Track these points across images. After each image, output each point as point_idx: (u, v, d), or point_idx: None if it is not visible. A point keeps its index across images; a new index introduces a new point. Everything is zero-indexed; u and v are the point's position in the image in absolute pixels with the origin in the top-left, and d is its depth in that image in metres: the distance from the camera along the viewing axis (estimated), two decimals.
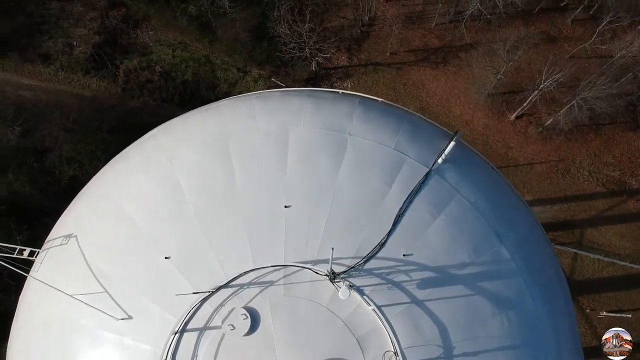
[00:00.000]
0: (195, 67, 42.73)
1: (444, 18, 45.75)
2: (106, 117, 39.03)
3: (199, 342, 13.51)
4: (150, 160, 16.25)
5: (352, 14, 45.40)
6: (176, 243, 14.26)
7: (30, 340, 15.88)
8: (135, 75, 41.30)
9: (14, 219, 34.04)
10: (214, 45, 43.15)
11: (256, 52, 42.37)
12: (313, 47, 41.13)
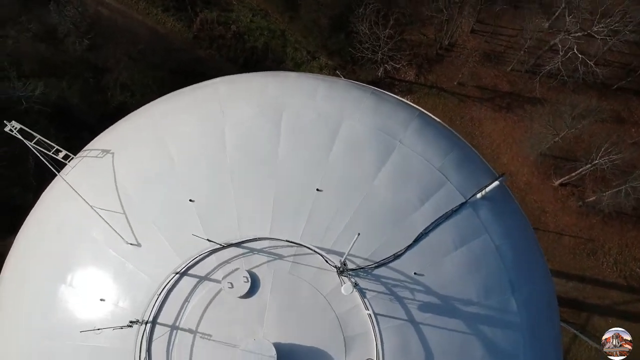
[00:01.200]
0: (269, 38, 43.10)
1: (521, 66, 45.18)
2: (171, 57, 39.66)
3: (195, 289, 13.68)
4: (204, 105, 16.49)
5: (433, 34, 45.18)
6: (204, 189, 14.45)
7: (41, 237, 16.30)
8: (210, 27, 41.88)
9: (55, 123, 34.99)
10: (292, 22, 43.45)
11: (331, 41, 42.50)
12: (386, 54, 41.07)
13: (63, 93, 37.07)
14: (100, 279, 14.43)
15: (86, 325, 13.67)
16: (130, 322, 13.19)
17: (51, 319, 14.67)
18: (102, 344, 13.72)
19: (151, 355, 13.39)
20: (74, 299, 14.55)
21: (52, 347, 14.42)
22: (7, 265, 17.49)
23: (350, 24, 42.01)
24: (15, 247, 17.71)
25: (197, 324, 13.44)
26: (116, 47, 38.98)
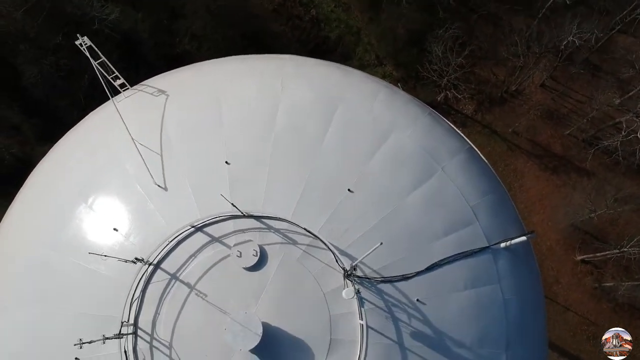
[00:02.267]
0: (344, 32, 43.15)
1: (580, 133, 44.32)
2: (246, 22, 40.01)
3: (205, 247, 13.85)
4: (266, 77, 16.63)
5: (503, 76, 44.62)
6: (242, 156, 14.59)
7: (76, 154, 16.71)
8: (291, 5, 42.15)
9: (119, 52, 35.64)
10: (371, 24, 43.39)
11: (402, 52, 42.32)
12: (452, 81, 40.74)
13: (135, 25, 37.71)
14: (120, 209, 14.72)
15: (94, 248, 13.96)
16: (135, 258, 13.43)
17: (63, 232, 15.02)
18: (102, 271, 14.01)
19: (144, 296, 13.63)
20: (90, 220, 14.88)
21: (55, 260, 14.77)
22: (37, 171, 17.97)
23: (425, 41, 41.77)
24: (48, 156, 18.18)
25: (197, 280, 13.62)
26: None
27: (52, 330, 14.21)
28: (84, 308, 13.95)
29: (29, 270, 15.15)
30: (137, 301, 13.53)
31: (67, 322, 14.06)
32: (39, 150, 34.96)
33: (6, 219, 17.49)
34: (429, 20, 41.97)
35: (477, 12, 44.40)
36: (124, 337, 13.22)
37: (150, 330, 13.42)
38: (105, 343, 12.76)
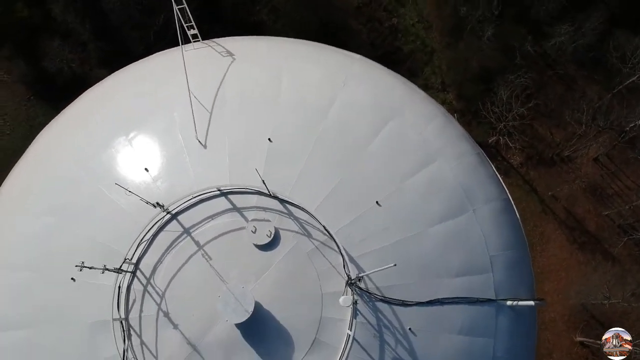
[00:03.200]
0: (417, 49, 42.83)
1: (618, 218, 43.20)
2: (327, 11, 40.08)
3: (224, 214, 14.00)
4: (332, 69, 16.78)
5: (559, 139, 43.81)
6: (287, 138, 14.74)
7: (131, 87, 17.14)
8: (375, 7, 42.08)
9: (198, 3, 36.09)
10: (446, 49, 42.95)
11: (468, 86, 41.88)
12: (508, 128, 40.19)
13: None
14: (156, 152, 15.01)
15: (121, 181, 14.24)
16: (157, 203, 13.66)
17: (97, 157, 15.37)
18: (122, 205, 14.30)
19: (153, 242, 13.87)
20: (125, 154, 15.20)
21: (83, 180, 15.15)
22: (89, 92, 18.41)
23: (494, 81, 41.20)
24: (105, 82, 18.63)
25: (207, 242, 13.80)
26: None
27: (58, 246, 14.60)
28: (94, 234, 14.28)
29: (55, 182, 15.60)
30: (145, 244, 13.77)
31: (74, 242, 14.42)
32: (96, 73, 35.81)
33: (50, 128, 18.00)
34: (504, 62, 41.40)
35: (553, 69, 43.64)
36: (123, 274, 13.50)
37: (149, 274, 13.68)
38: (103, 273, 13.01)
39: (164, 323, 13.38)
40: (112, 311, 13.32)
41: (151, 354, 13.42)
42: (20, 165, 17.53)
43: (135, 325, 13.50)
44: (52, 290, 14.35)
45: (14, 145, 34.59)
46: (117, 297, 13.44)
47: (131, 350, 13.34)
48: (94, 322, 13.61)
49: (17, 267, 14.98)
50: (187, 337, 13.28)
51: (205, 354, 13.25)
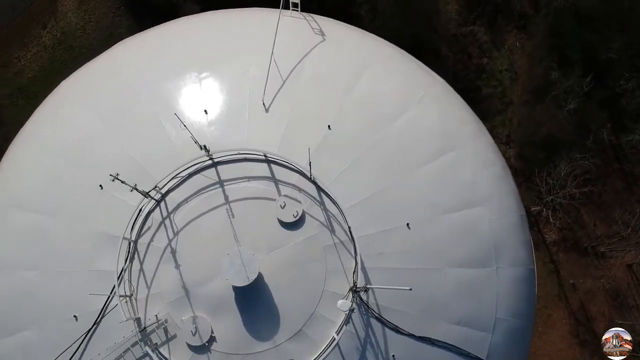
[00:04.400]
0: (496, 95, 42.04)
1: (631, 332, 41.92)
2: (423, 26, 39.87)
3: (260, 179, 14.09)
4: (412, 82, 16.82)
5: (601, 232, 42.62)
6: (349, 140, 14.79)
7: (218, 27, 17.58)
8: (471, 42, 41.60)
9: None
10: (523, 105, 42.11)
11: (531, 147, 41.05)
12: (555, 203, 39.30)
13: None
14: (221, 100, 15.18)
15: (180, 114, 14.37)
16: (204, 146, 13.71)
17: (165, 83, 15.62)
18: (170, 134, 14.52)
19: (187, 179, 14.02)
20: (192, 89, 15.41)
21: (142, 96, 15.49)
22: (175, 23, 18.65)
23: (558, 154, 40.30)
24: (193, 17, 18.98)
25: (234, 200, 13.88)
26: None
27: (99, 151, 14.93)
28: (136, 152, 14.49)
29: (117, 91, 15.90)
30: (178, 179, 13.97)
31: (115, 152, 14.68)
32: (190, 6, 36.33)
33: (129, 41, 18.36)
34: (575, 139, 40.44)
35: (620, 164, 42.45)
36: (148, 199, 13.72)
37: (171, 209, 13.89)
38: (132, 192, 13.19)
39: (168, 259, 13.57)
40: (125, 230, 13.52)
41: (145, 283, 13.65)
42: (91, 65, 17.95)
43: (141, 251, 13.74)
44: (78, 189, 14.71)
45: (89, 45, 35.48)
46: (135, 219, 13.67)
47: (128, 273, 13.59)
48: (104, 233, 13.90)
49: (54, 154, 15.39)
50: (184, 280, 13.46)
51: (194, 302, 13.41)
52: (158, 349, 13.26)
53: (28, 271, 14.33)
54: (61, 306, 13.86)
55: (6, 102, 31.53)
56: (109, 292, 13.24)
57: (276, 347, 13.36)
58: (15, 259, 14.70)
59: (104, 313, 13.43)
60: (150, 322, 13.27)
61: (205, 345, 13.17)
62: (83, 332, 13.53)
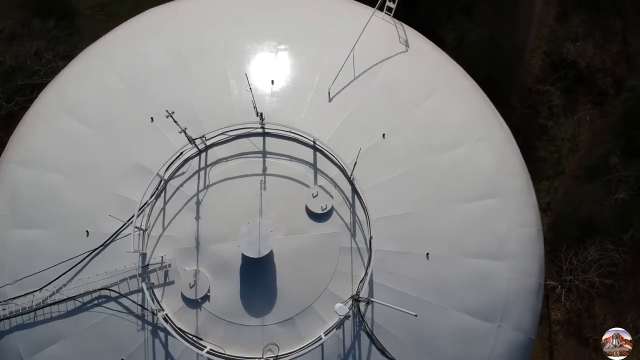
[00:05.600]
0: (549, 160, 41.14)
1: None
2: (498, 68, 39.40)
3: (301, 163, 14.15)
4: (477, 118, 16.68)
5: (608, 327, 41.49)
6: (399, 148, 14.78)
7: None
8: (543, 101, 40.97)
9: None
10: (574, 180, 41.40)
11: (566, 223, 40.16)
12: (571, 285, 38.39)
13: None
14: (289, 76, 15.40)
15: (249, 75, 14.45)
16: (260, 113, 13.80)
17: (241, 41, 15.80)
18: (233, 91, 14.75)
19: (235, 140, 14.12)
20: (266, 56, 15.67)
21: (217, 47, 15.69)
22: None
23: (591, 239, 39.32)
24: None
25: (271, 174, 13.95)
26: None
27: (159, 93, 15.08)
28: (192, 99, 14.66)
29: (192, 38, 16.01)
30: (226, 138, 14.10)
31: (175, 94, 14.81)
32: None
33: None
34: (612, 230, 39.45)
35: None
36: (192, 145, 13.87)
37: (212, 162, 14.07)
38: (180, 133, 13.23)
39: (191, 208, 13.72)
40: (160, 167, 13.68)
41: (162, 224, 13.83)
42: (177, 4, 18.11)
43: (169, 193, 13.93)
44: (129, 114, 14.95)
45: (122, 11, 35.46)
46: (173, 160, 13.85)
47: (150, 208, 13.78)
48: (140, 164, 14.14)
49: (118, 76, 15.65)
50: (199, 233, 13.59)
51: (201, 257, 13.54)
52: (153, 288, 13.43)
53: (58, 175, 14.65)
54: (77, 218, 14.15)
55: (87, 13, 32.13)
56: (126, 220, 13.42)
57: (263, 326, 13.42)
58: (50, 160, 15.04)
59: (115, 238, 13.64)
60: (154, 261, 13.46)
61: (198, 301, 13.29)
62: (89, 250, 13.78)
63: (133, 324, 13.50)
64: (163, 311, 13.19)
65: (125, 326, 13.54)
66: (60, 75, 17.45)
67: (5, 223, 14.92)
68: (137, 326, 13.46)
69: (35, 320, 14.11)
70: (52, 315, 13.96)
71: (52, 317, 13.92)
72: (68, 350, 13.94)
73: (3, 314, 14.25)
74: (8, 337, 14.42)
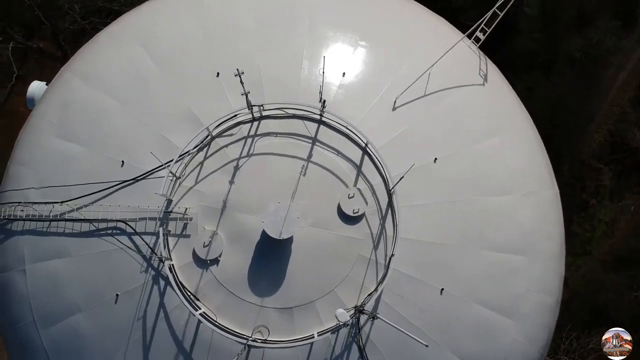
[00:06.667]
0: (581, 235, 40.46)
1: None
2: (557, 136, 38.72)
3: (344, 161, 13.92)
4: (531, 172, 16.15)
5: None
6: (445, 181, 14.49)
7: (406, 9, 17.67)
8: (594, 177, 40.11)
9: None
10: (599, 264, 40.34)
11: (580, 302, 39.21)
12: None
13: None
14: (360, 73, 15.12)
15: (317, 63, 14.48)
16: (323, 100, 13.59)
17: (316, 28, 15.65)
18: (302, 72, 14.58)
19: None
20: (344, 47, 15.42)
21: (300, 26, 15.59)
22: None
23: (597, 326, 38.24)
24: None
25: (314, 163, 13.78)
26: None
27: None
28: (262, 63, 14.52)
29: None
30: (282, 114, 13.99)
31: (243, 58, 14.60)
32: None
33: None
34: (626, 323, 38.31)
35: None
36: (247, 112, 13.80)
37: (265, 131, 13.92)
38: (242, 96, 13.06)
39: (228, 170, 13.63)
40: (212, 123, 13.57)
41: (196, 175, 13.74)
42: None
43: (212, 149, 13.84)
44: (200, 61, 14.90)
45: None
46: (225, 120, 13.76)
47: (190, 158, 13.73)
48: (193, 114, 14.07)
49: (196, 20, 15.69)
50: (228, 197, 13.48)
51: (223, 221, 13.41)
52: (168, 235, 13.37)
53: (113, 99, 14.70)
54: (118, 145, 14.19)
55: None
56: (164, 162, 13.36)
57: (260, 306, 13.25)
58: (111, 83, 15.07)
59: (148, 176, 13.63)
60: (178, 210, 13.39)
61: (207, 262, 13.20)
62: (120, 180, 13.79)
63: (137, 265, 13.45)
64: (170, 261, 13.13)
65: (129, 264, 13.50)
66: (140, 8, 17.48)
67: (49, 129, 15.05)
68: (141, 267, 13.41)
69: (47, 231, 14.20)
70: (64, 230, 14.02)
71: (64, 233, 13.97)
72: (69, 268, 13.96)
73: (20, 215, 14.39)
74: (17, 239, 14.54)
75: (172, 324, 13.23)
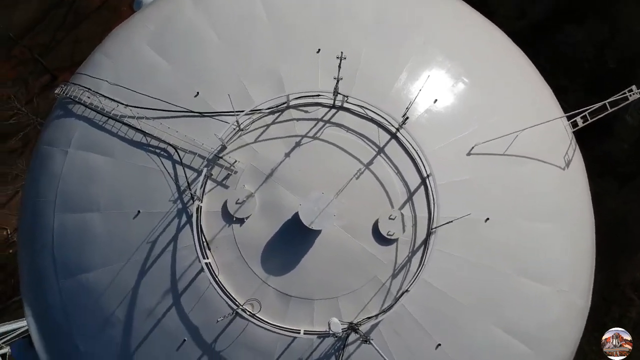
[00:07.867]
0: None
1: None
2: None
3: (392, 173, 13.66)
4: (570, 200, 15.97)
5: None
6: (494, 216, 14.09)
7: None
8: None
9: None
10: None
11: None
12: None
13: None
14: (450, 105, 14.80)
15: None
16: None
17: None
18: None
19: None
20: (438, 66, 15.15)
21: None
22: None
23: None
24: None
25: (372, 169, 13.56)
26: None
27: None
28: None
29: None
30: (358, 111, 13.82)
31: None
32: None
33: None
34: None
35: None
36: (330, 98, 13.66)
37: (338, 121, 13.78)
38: None
39: (288, 144, 13.51)
40: (294, 93, 13.55)
41: (258, 135, 13.70)
42: None
43: (282, 117, 13.76)
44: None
45: None
46: (308, 96, 13.71)
47: (259, 117, 13.70)
48: (280, 80, 14.06)
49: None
50: (279, 167, 13.37)
51: (264, 187, 13.31)
52: (208, 178, 13.36)
53: (214, 33, 14.82)
54: (200, 76, 14.34)
55: None
56: (235, 110, 13.29)
57: (263, 282, 13.10)
58: (215, 16, 15.22)
59: (215, 116, 13.70)
60: (228, 159, 13.36)
61: (233, 219, 13.12)
62: (189, 109, 13.90)
63: (169, 193, 13.49)
64: (200, 202, 13.11)
65: (163, 189, 13.55)
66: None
67: (144, 35, 15.42)
68: (172, 196, 13.44)
69: (103, 126, 14.43)
70: (118, 132, 14.22)
71: (117, 134, 14.17)
72: (106, 168, 14.15)
73: (85, 100, 14.68)
74: (73, 121, 14.89)
75: (176, 261, 13.23)
